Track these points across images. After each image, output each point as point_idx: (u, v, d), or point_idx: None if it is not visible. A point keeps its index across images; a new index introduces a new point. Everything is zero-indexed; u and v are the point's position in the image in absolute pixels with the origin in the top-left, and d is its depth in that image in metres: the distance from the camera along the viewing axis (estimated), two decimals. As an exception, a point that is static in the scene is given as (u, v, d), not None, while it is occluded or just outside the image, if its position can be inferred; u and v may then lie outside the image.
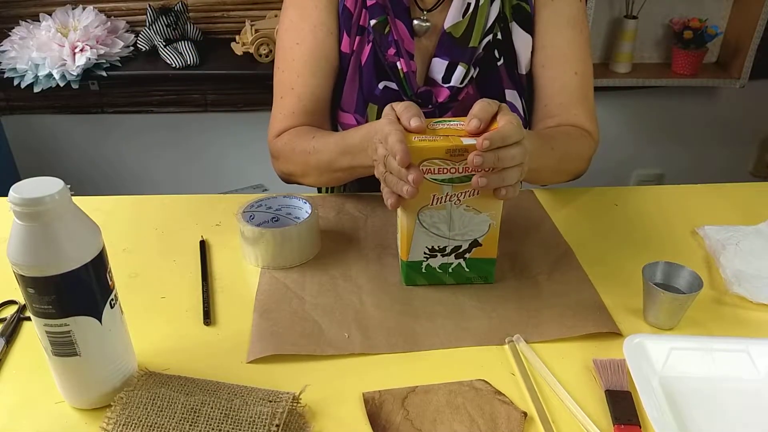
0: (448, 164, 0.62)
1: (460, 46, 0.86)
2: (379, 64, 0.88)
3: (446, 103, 0.88)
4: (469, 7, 0.86)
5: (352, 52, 0.89)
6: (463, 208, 0.65)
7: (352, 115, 0.91)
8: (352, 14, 0.88)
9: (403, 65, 0.86)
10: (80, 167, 2.08)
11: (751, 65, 1.85)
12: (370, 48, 0.88)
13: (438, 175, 0.63)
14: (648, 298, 0.65)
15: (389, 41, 0.86)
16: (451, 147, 0.61)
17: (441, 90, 0.88)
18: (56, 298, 0.49)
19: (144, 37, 1.75)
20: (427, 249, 0.69)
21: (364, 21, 0.88)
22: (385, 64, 0.87)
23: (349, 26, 0.89)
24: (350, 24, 0.88)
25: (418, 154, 0.62)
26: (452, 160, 0.62)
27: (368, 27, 0.87)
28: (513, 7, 0.87)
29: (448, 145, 0.61)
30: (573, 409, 0.55)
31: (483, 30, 0.86)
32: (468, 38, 0.86)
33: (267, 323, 0.65)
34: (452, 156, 0.62)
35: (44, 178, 0.48)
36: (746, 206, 0.89)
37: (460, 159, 0.62)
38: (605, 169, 2.21)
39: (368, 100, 0.90)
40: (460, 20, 0.86)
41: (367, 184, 1.01)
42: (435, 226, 0.67)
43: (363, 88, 0.90)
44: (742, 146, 2.23)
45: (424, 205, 0.65)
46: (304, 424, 0.54)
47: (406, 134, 0.63)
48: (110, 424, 0.51)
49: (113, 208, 0.88)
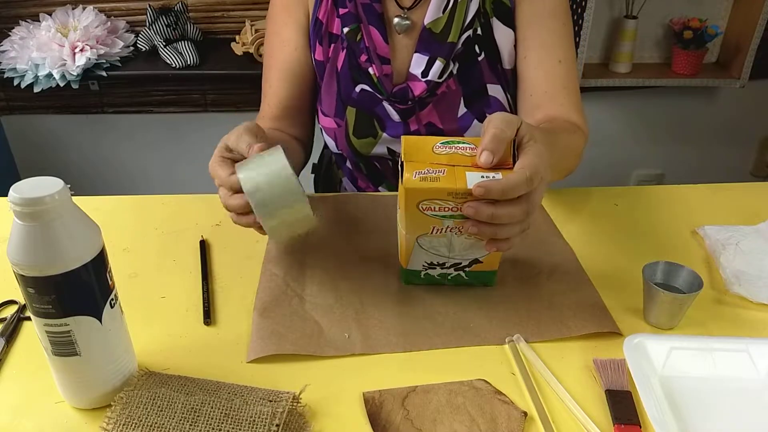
0: (450, 203, 0.58)
1: (439, 41, 0.87)
2: (355, 69, 0.91)
3: (424, 98, 0.90)
4: (448, 3, 0.87)
5: (327, 59, 0.92)
6: (465, 236, 0.62)
7: (332, 119, 0.94)
8: (323, 24, 0.91)
9: (375, 70, 0.88)
10: (80, 167, 2.08)
11: (751, 65, 1.85)
12: (345, 54, 0.90)
13: (438, 212, 0.59)
14: (648, 298, 0.65)
15: (361, 48, 0.89)
16: (454, 190, 0.57)
17: (417, 84, 0.89)
18: (56, 297, 0.49)
19: (144, 37, 1.75)
20: (426, 263, 0.68)
21: (337, 29, 0.90)
22: (359, 69, 0.90)
23: (321, 36, 0.91)
24: (321, 33, 0.91)
25: (418, 195, 0.58)
26: (455, 201, 0.57)
27: (341, 35, 0.90)
28: (493, 2, 0.88)
29: (450, 187, 0.57)
30: (573, 409, 0.55)
31: (462, 26, 0.87)
32: (447, 34, 0.87)
33: (267, 323, 0.65)
34: (455, 198, 0.57)
35: (44, 177, 0.48)
36: (746, 206, 0.89)
37: (463, 201, 0.57)
38: (605, 169, 2.21)
39: (346, 103, 0.93)
40: (440, 16, 0.87)
41: (367, 184, 1.01)
42: (435, 248, 0.65)
43: (341, 92, 0.92)
44: (742, 146, 2.23)
45: (423, 233, 0.62)
46: (304, 423, 0.54)
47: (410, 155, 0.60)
48: (110, 424, 0.51)
49: (113, 208, 0.88)
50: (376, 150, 0.94)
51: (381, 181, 1.00)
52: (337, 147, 0.96)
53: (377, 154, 0.95)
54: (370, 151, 0.94)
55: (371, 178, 1.00)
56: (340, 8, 0.89)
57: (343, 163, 1.03)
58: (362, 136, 0.93)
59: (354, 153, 0.95)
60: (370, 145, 0.94)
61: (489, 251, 0.62)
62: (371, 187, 1.02)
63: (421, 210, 0.59)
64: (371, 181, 1.01)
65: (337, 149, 0.97)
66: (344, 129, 0.93)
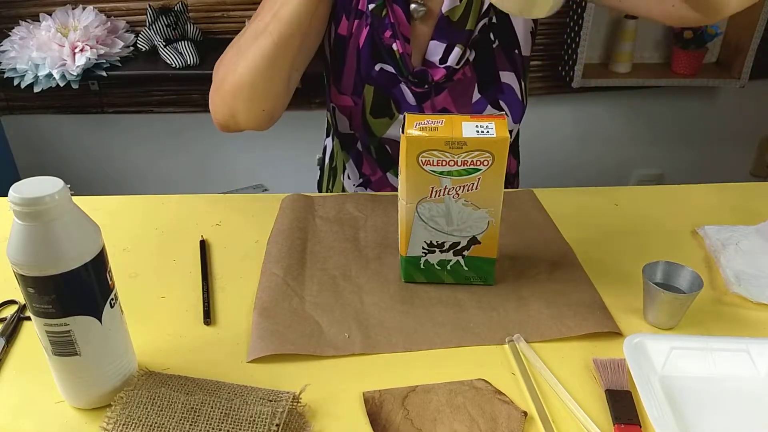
0: (447, 156, 0.62)
1: (457, 29, 0.88)
2: (376, 47, 0.91)
3: (442, 83, 0.91)
4: None
5: (350, 35, 0.92)
6: (462, 202, 0.65)
7: (349, 97, 0.94)
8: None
9: (399, 47, 0.89)
10: (80, 167, 2.08)
11: (751, 65, 1.85)
12: (368, 31, 0.90)
13: (436, 167, 0.63)
14: (648, 298, 0.65)
15: (386, 24, 0.89)
16: (451, 139, 0.61)
17: (437, 70, 0.90)
18: (56, 297, 0.49)
19: (144, 37, 1.75)
20: (426, 244, 0.69)
21: (363, 5, 0.90)
22: (382, 46, 0.90)
23: (348, 10, 0.91)
24: (350, 8, 0.91)
25: (416, 145, 0.62)
26: (451, 152, 0.62)
27: (366, 11, 0.90)
28: None
29: (447, 136, 0.61)
30: (573, 409, 0.55)
31: (479, 13, 0.89)
32: (465, 21, 0.88)
33: (267, 323, 0.65)
34: (451, 148, 0.62)
35: (44, 177, 0.48)
36: (746, 206, 0.89)
37: (459, 151, 0.62)
38: (605, 169, 2.21)
39: (365, 81, 0.93)
40: (458, 4, 0.88)
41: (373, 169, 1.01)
42: (433, 219, 0.67)
43: (360, 70, 0.92)
44: (742, 146, 2.23)
45: (422, 197, 0.65)
46: (304, 423, 0.54)
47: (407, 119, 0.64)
48: (110, 424, 0.51)
49: (113, 208, 0.88)
50: (390, 132, 0.95)
51: (390, 166, 1.00)
52: (351, 126, 0.96)
53: (390, 137, 0.95)
54: (385, 132, 0.95)
55: (380, 163, 1.00)
56: None
57: (353, 145, 1.02)
58: (379, 116, 0.94)
59: (368, 133, 0.95)
60: (385, 126, 0.94)
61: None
62: (377, 172, 1.02)
63: (421, 164, 0.63)
64: (379, 166, 1.01)
65: (350, 129, 0.97)
66: (361, 107, 0.93)
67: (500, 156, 0.62)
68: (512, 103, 0.95)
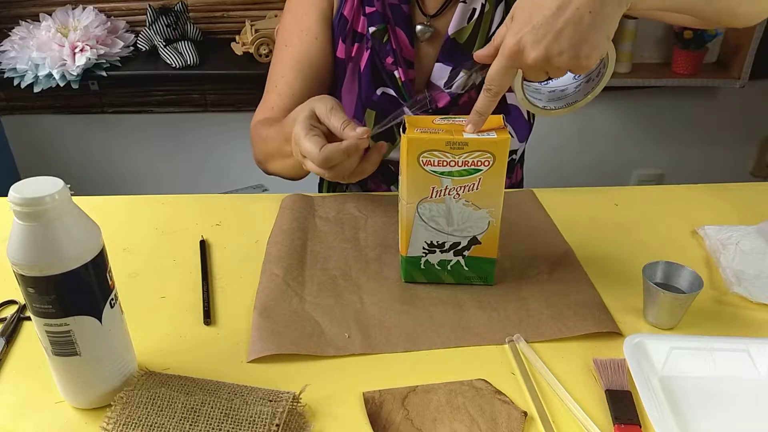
0: (447, 157, 0.63)
1: (464, 51, 0.86)
2: (377, 71, 0.89)
3: (446, 109, 0.89)
4: (474, 12, 0.85)
5: (349, 59, 0.90)
6: (462, 202, 0.65)
7: None
8: (348, 21, 0.88)
9: (401, 74, 0.87)
10: (80, 167, 2.08)
11: (751, 65, 1.85)
12: (369, 54, 0.88)
13: (437, 167, 0.63)
14: (648, 298, 0.65)
15: (387, 50, 0.87)
16: (451, 140, 0.62)
17: (441, 96, 0.88)
18: (56, 297, 0.49)
19: (144, 37, 1.75)
20: (426, 244, 0.69)
21: (362, 28, 0.88)
22: (383, 71, 0.88)
23: (344, 34, 0.89)
24: (345, 32, 0.89)
25: (417, 145, 0.62)
26: (452, 153, 0.62)
27: (366, 34, 0.88)
28: None
29: (448, 138, 0.62)
30: (573, 409, 0.55)
31: (487, 36, 0.86)
32: (472, 44, 0.86)
33: (267, 322, 0.65)
34: (452, 149, 0.62)
35: (44, 177, 0.48)
36: (746, 206, 0.89)
37: (460, 152, 0.62)
38: (605, 169, 2.21)
39: (366, 105, 0.91)
40: (465, 26, 0.86)
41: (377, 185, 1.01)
42: (434, 220, 0.67)
43: (361, 94, 0.91)
44: (742, 146, 2.23)
45: (423, 197, 0.65)
46: (304, 423, 0.54)
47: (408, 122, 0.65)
48: (110, 424, 0.51)
49: (113, 208, 0.88)
50: (393, 155, 0.94)
51: (392, 181, 1.00)
52: None
53: (393, 159, 0.94)
54: (387, 156, 0.94)
55: (384, 179, 1.00)
56: (366, 6, 0.87)
57: None
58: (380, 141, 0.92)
59: None
60: (387, 150, 0.93)
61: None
62: (382, 187, 1.01)
63: (422, 164, 0.63)
64: (383, 182, 1.01)
65: None
66: None
67: (501, 156, 0.63)
68: (518, 124, 0.94)
